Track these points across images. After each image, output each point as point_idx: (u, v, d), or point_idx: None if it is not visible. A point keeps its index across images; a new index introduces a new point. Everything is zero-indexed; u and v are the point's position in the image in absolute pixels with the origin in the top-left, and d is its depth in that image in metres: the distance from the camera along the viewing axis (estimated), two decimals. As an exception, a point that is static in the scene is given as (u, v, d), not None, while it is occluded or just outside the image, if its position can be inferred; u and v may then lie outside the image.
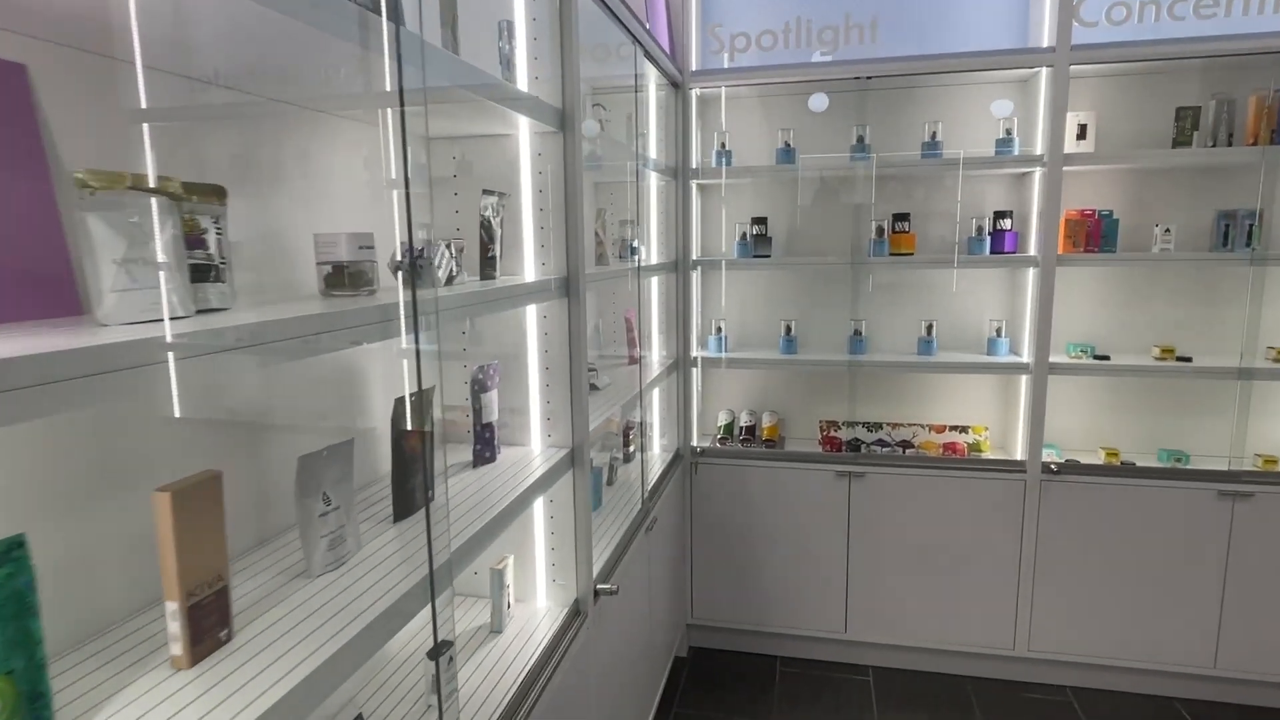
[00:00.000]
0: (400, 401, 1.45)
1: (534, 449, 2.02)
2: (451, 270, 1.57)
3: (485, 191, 1.72)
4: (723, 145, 3.47)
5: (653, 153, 3.31)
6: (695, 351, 3.62)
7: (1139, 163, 3.10)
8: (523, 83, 1.84)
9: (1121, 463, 3.30)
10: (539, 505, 2.02)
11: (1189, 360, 3.20)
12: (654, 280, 3.47)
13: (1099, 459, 3.36)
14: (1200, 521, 3.15)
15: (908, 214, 3.42)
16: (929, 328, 3.49)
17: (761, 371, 3.78)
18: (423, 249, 1.41)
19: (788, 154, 3.41)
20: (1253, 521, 3.11)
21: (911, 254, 3.39)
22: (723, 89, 3.41)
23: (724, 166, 3.44)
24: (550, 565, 2.06)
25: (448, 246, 1.53)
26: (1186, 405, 3.42)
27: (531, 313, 1.96)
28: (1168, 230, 3.17)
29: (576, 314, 1.95)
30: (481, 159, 1.91)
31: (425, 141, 1.29)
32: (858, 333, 3.55)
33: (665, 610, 3.27)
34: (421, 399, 1.53)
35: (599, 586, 2.15)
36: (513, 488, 1.79)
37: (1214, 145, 3.06)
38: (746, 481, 3.54)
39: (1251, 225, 3.09)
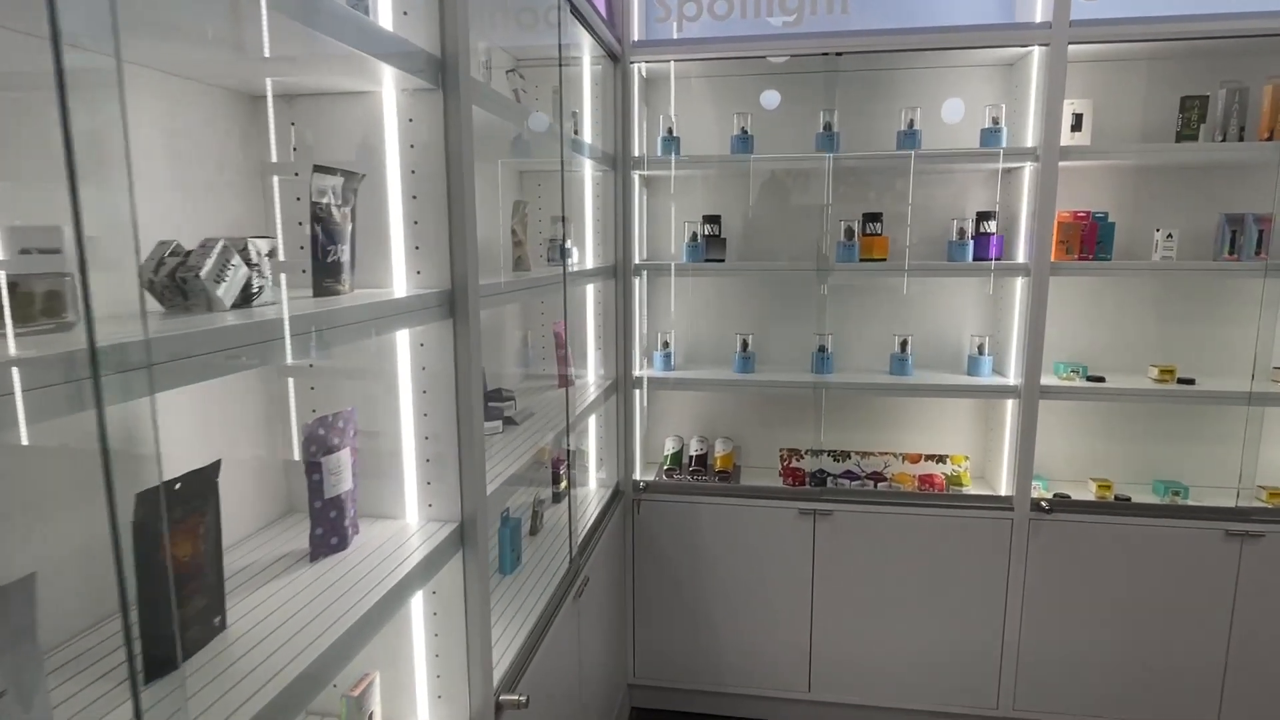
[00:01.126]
0: (148, 496, 0.91)
1: (409, 523, 1.49)
2: (253, 282, 1.03)
3: (319, 169, 1.18)
4: (670, 131, 2.98)
5: (588, 137, 2.80)
6: (638, 370, 3.12)
7: (1141, 158, 2.72)
8: (385, 16, 1.31)
9: (1115, 496, 2.92)
10: (417, 601, 1.49)
11: (1191, 383, 2.84)
12: (589, 288, 2.96)
13: (1090, 492, 2.98)
14: (1205, 565, 2.79)
15: (880, 214, 2.98)
16: (903, 344, 3.06)
17: (714, 393, 3.30)
18: (173, 250, 0.88)
19: (744, 143, 2.93)
20: (1263, 564, 2.76)
21: (884, 259, 2.96)
22: (670, 63, 2.92)
23: (672, 156, 2.94)
24: (435, 677, 1.53)
25: (238, 249, 0.99)
26: (1186, 432, 3.06)
27: (403, 340, 1.43)
28: (1169, 235, 2.80)
29: (467, 340, 1.42)
30: (328, 126, 1.38)
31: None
32: (823, 349, 3.10)
33: (601, 676, 2.77)
34: (200, 480, 1.00)
35: (502, 698, 1.63)
36: (373, 586, 1.26)
37: (1223, 139, 2.70)
38: (696, 520, 3.06)
39: (1261, 231, 2.73)
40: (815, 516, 2.98)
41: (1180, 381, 2.86)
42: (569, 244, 2.73)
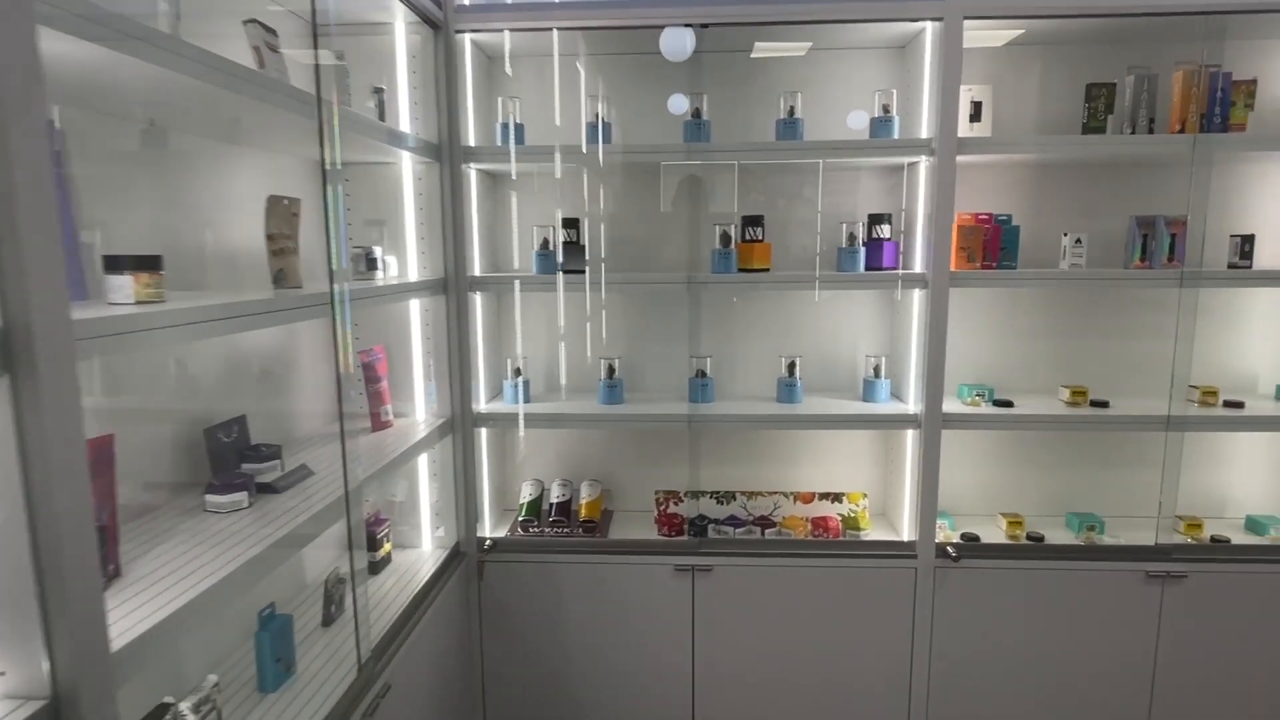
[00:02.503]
0: None
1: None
2: None
3: None
4: (511, 117, 2.48)
5: (405, 122, 2.27)
6: (483, 405, 2.60)
7: (1046, 152, 2.39)
8: None
9: (1027, 535, 2.58)
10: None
11: (1105, 405, 2.52)
12: (414, 306, 2.42)
13: (1000, 530, 2.63)
14: (1126, 610, 2.47)
15: (761, 218, 2.56)
16: (791, 366, 2.64)
17: (580, 429, 2.80)
18: None
19: (599, 131, 2.46)
20: (1186, 608, 2.46)
21: (766, 269, 2.53)
22: (506, 35, 2.41)
23: (513, 146, 2.44)
24: None
25: None
26: (1100, 458, 2.76)
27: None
28: (1078, 241, 2.48)
29: (54, 415, 0.88)
30: None
31: None
32: (701, 374, 2.65)
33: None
34: None
35: None
36: None
37: (1132, 132, 2.40)
38: (555, 582, 2.55)
39: (1174, 235, 2.45)
40: (694, 573, 2.52)
41: (1094, 404, 2.54)
42: (378, 252, 2.20)
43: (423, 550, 2.52)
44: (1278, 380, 2.70)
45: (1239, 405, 2.50)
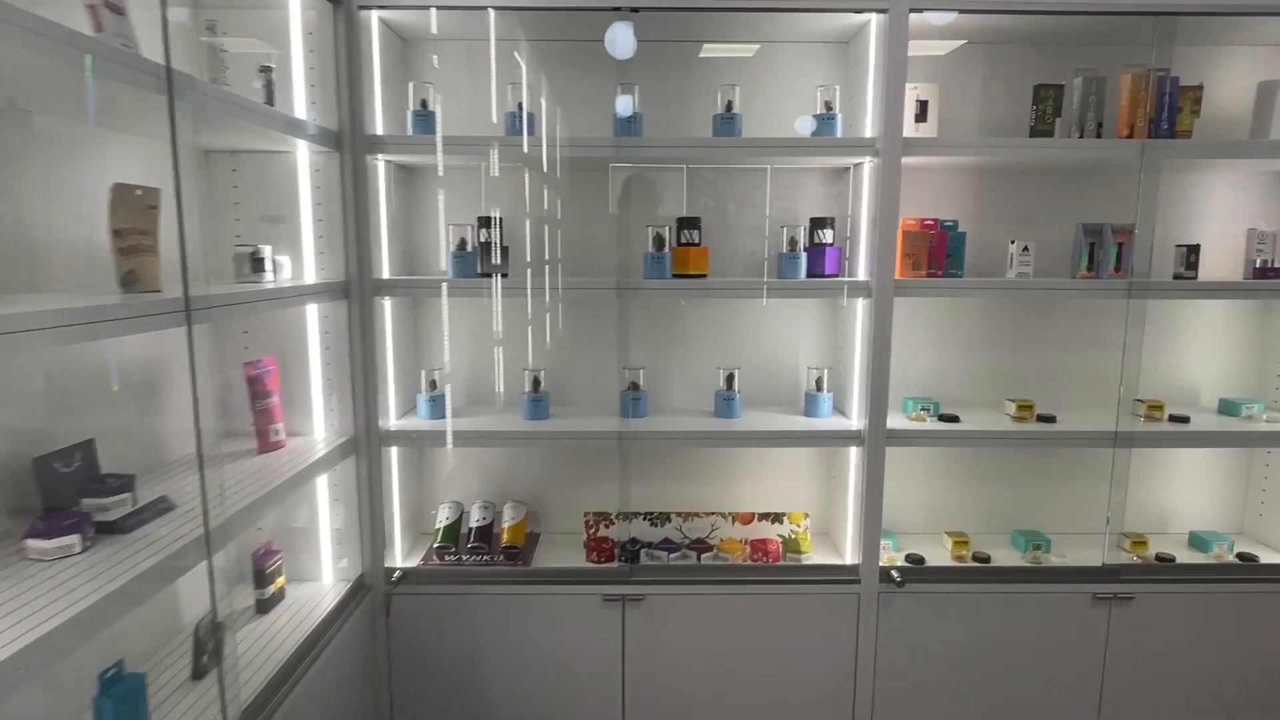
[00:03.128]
0: None
1: None
2: None
3: None
4: (424, 104, 2.25)
5: (301, 108, 2.03)
6: (392, 421, 2.36)
7: (993, 154, 2.27)
8: None
9: (973, 555, 2.47)
10: None
11: (1052, 420, 2.42)
12: (311, 311, 2.17)
13: (946, 549, 2.52)
14: (1073, 632, 2.37)
15: (698, 219, 2.39)
16: (729, 379, 2.48)
17: (505, 447, 2.58)
18: None
19: (521, 122, 2.25)
20: (1134, 630, 2.37)
21: (703, 275, 2.36)
22: (415, 12, 2.18)
23: (439, 137, 2.21)
24: None
25: None
26: (1047, 473, 2.67)
27: None
28: (1025, 249, 2.38)
29: None
30: None
31: None
32: (634, 386, 2.47)
33: None
34: None
35: None
36: None
37: (1080, 136, 2.30)
38: (474, 615, 2.33)
39: (1121, 245, 2.36)
40: (624, 603, 2.33)
41: (1040, 419, 2.44)
42: (267, 252, 1.95)
43: (323, 583, 2.27)
44: (1220, 393, 2.66)
45: (1184, 420, 2.43)
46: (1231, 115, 2.47)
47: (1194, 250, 2.40)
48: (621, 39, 2.22)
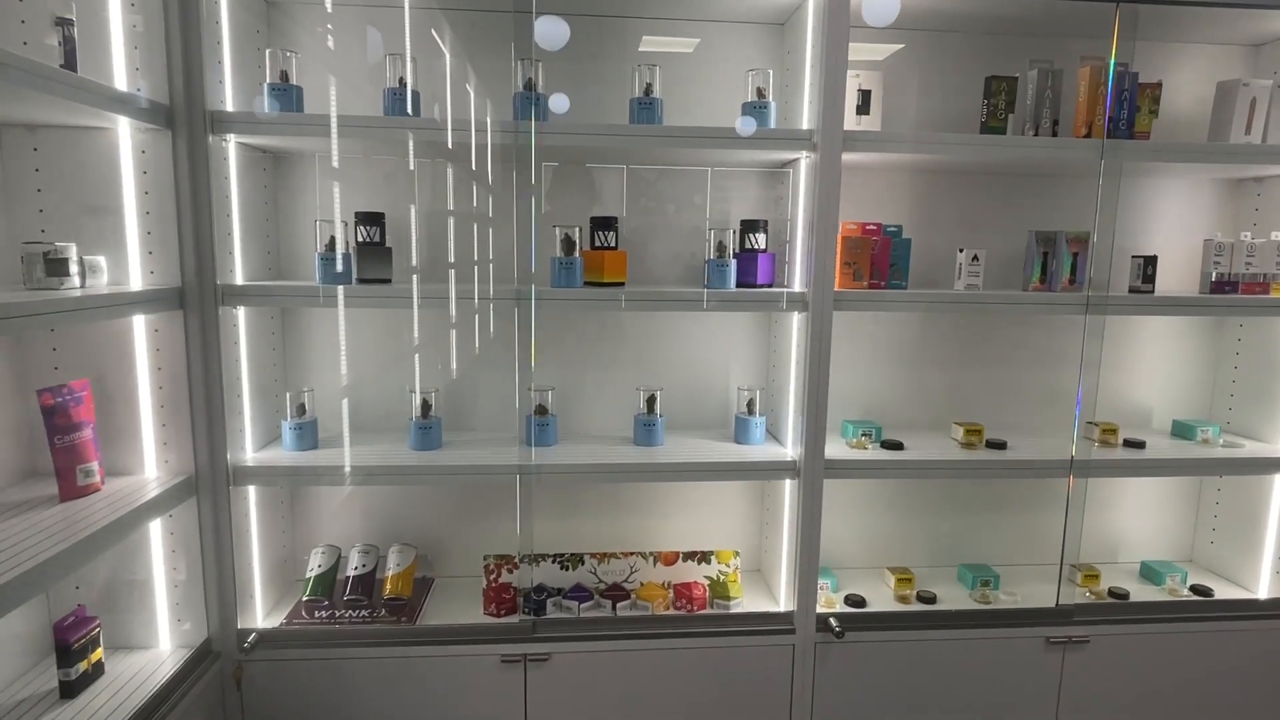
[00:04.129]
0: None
1: None
2: None
3: None
4: (284, 76, 1.89)
5: (121, 77, 1.64)
6: (249, 453, 1.98)
7: (942, 152, 2.03)
8: None
9: (919, 595, 2.23)
10: None
11: (1003, 446, 2.21)
12: (138, 323, 1.78)
13: (889, 589, 2.28)
14: (1025, 679, 2.16)
15: (614, 219, 2.08)
16: (650, 401, 2.18)
17: (397, 482, 2.21)
18: None
19: (405, 102, 1.90)
20: (1088, 675, 2.17)
21: (621, 284, 2.06)
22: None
23: (288, 115, 1.84)
24: None
25: None
26: (995, 501, 2.46)
27: None
28: (975, 258, 2.15)
29: None
30: None
31: None
32: (542, 410, 2.15)
33: None
34: None
35: None
36: None
37: (1035, 133, 2.09)
38: (350, 683, 1.97)
39: (1075, 254, 2.16)
40: (525, 664, 2.00)
41: (990, 445, 2.22)
42: (71, 252, 1.56)
43: (160, 651, 1.88)
44: (1172, 412, 2.50)
45: (1140, 445, 2.25)
46: (1188, 116, 2.30)
47: (1151, 261, 2.21)
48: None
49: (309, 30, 2.07)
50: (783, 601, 2.16)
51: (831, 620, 2.06)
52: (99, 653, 1.76)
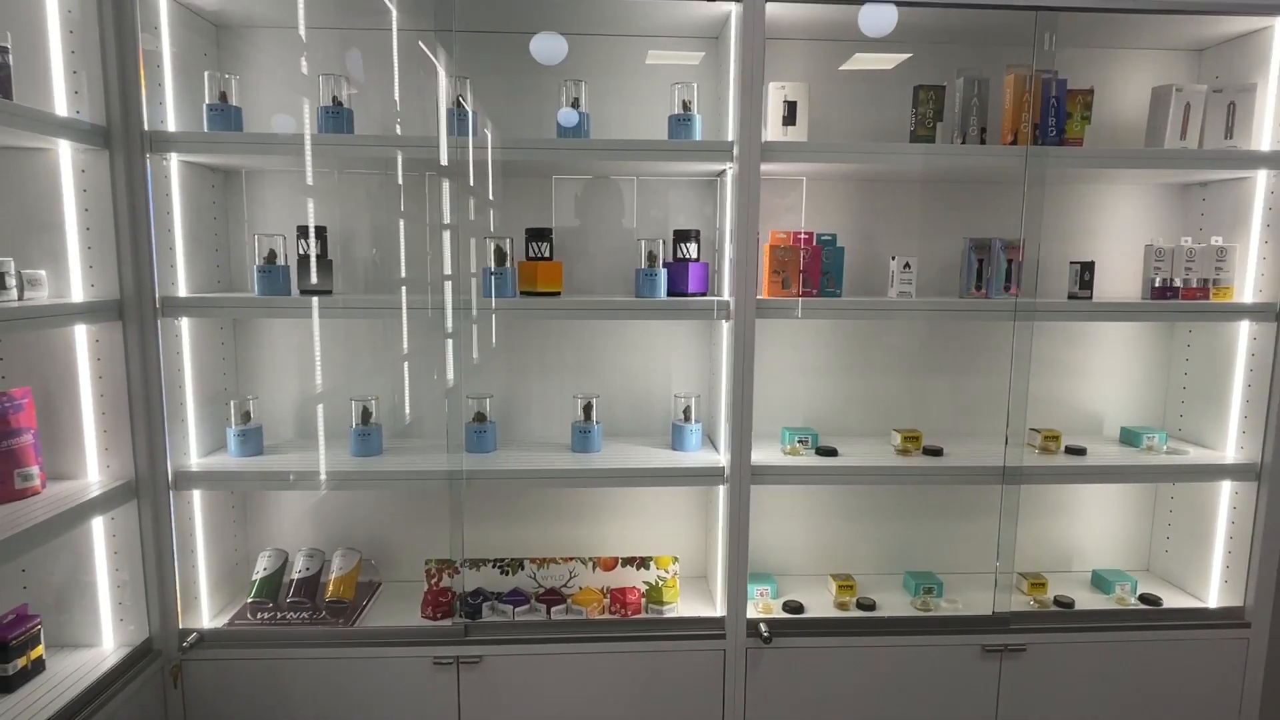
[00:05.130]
0: None
1: None
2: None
3: None
4: (223, 96, 1.97)
5: (60, 99, 1.73)
6: (194, 459, 2.06)
7: (868, 161, 2.05)
8: None
9: (859, 601, 2.24)
10: None
11: (939, 453, 2.21)
12: (79, 333, 1.86)
13: (830, 594, 2.28)
14: (961, 688, 2.15)
15: (549, 230, 2.14)
16: (587, 409, 2.22)
17: (338, 486, 2.27)
18: None
19: (339, 118, 1.98)
20: (1025, 683, 2.16)
21: (556, 293, 2.10)
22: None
23: (226, 134, 1.92)
24: None
25: None
26: (938, 508, 2.46)
27: None
28: (907, 265, 2.17)
29: None
30: None
31: None
32: (480, 417, 2.20)
33: None
34: None
35: None
36: None
37: (963, 141, 2.10)
38: (288, 683, 2.03)
39: (1010, 261, 2.16)
40: (458, 666, 2.04)
41: (927, 451, 2.22)
42: (5, 266, 1.64)
43: (103, 649, 1.95)
44: (1124, 419, 2.48)
45: (1081, 452, 2.24)
46: (1126, 122, 2.30)
47: (1088, 268, 2.21)
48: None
49: (259, 51, 2.16)
50: (720, 607, 2.17)
51: (761, 625, 2.08)
52: (39, 649, 1.83)
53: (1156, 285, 2.21)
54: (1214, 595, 2.28)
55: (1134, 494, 2.51)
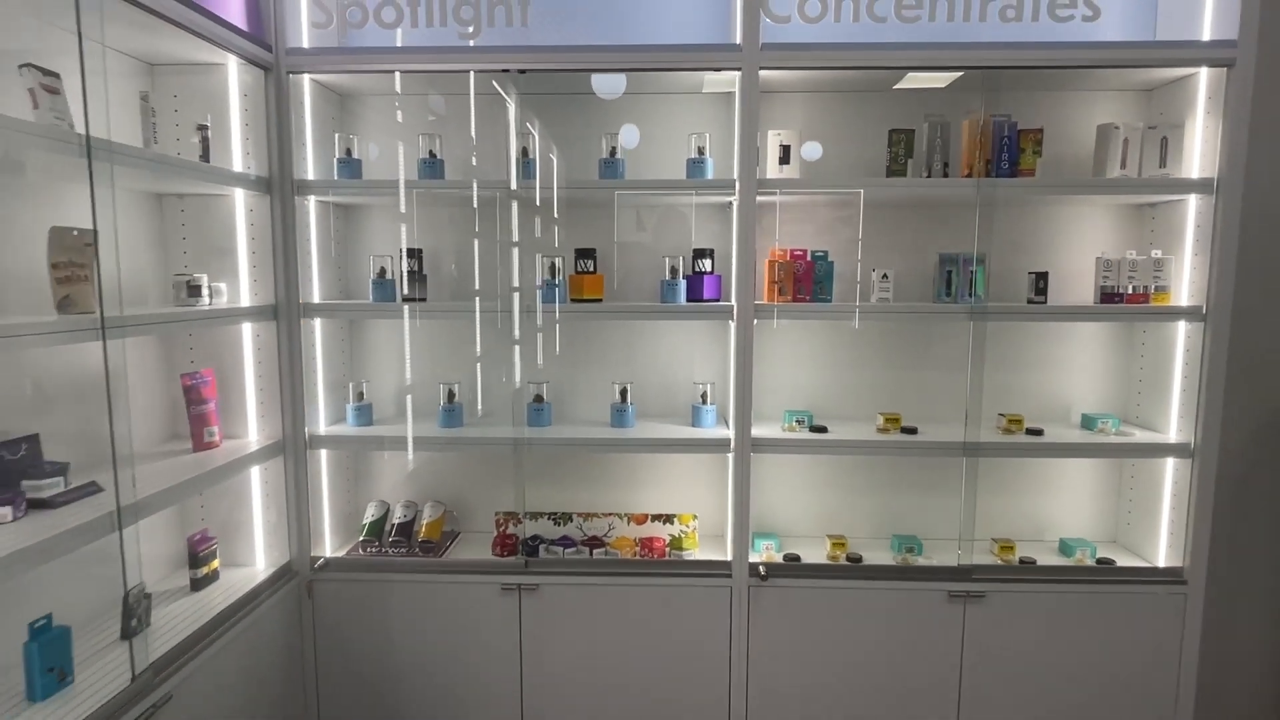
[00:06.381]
0: None
1: None
2: None
3: None
4: (348, 152, 2.61)
5: (237, 159, 2.39)
6: (322, 427, 2.69)
7: (847, 193, 2.54)
8: None
9: (848, 555, 2.70)
10: None
11: (914, 431, 2.66)
12: (246, 329, 2.52)
13: (825, 549, 2.75)
14: (932, 630, 2.59)
15: (593, 250, 2.70)
16: (623, 393, 2.76)
17: (428, 451, 2.89)
18: None
19: (433, 167, 2.59)
20: (986, 627, 2.58)
21: (599, 300, 2.66)
22: (344, 76, 2.55)
23: (351, 180, 2.57)
24: None
25: None
26: (919, 482, 2.89)
27: None
28: (885, 276, 2.63)
29: None
30: None
31: None
32: (539, 398, 2.77)
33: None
34: None
35: None
36: None
37: (929, 175, 2.56)
38: (389, 602, 2.63)
39: (974, 272, 2.61)
40: (520, 592, 2.61)
41: (904, 430, 2.68)
42: (203, 280, 2.30)
43: (256, 568, 2.59)
44: (1087, 409, 2.86)
45: (1039, 433, 2.65)
46: (1077, 155, 2.71)
47: (1043, 276, 2.63)
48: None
49: (374, 113, 2.80)
50: (730, 554, 2.67)
51: (760, 568, 2.57)
52: (215, 563, 2.48)
53: (1105, 291, 2.61)
54: (1161, 558, 2.65)
55: (1101, 473, 2.89)
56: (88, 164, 1.72)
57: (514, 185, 2.55)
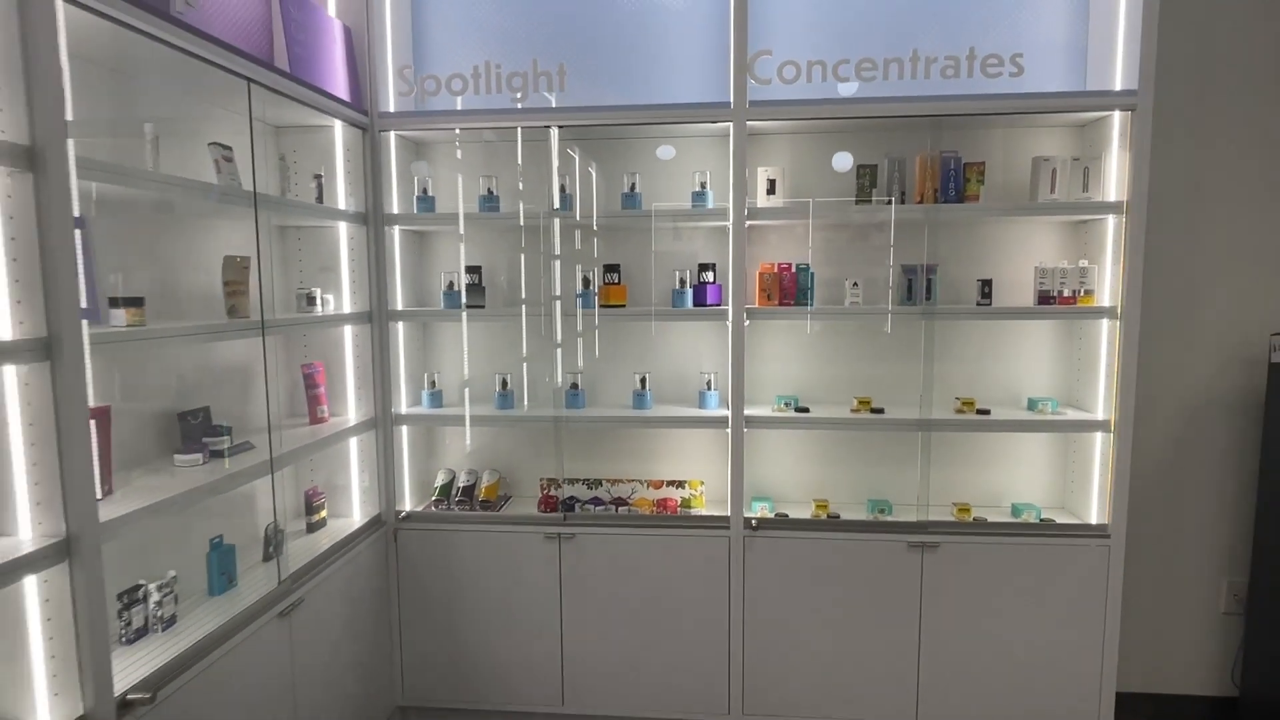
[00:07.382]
0: None
1: (20, 537, 1.72)
2: None
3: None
4: (425, 190, 3.31)
5: (341, 198, 3.11)
6: (403, 408, 3.38)
7: (824, 217, 3.14)
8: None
9: (829, 515, 3.28)
10: (31, 590, 1.71)
11: (881, 412, 3.23)
12: (347, 331, 3.23)
13: (809, 511, 3.33)
14: (895, 573, 3.15)
15: (618, 265, 3.34)
16: (643, 380, 3.40)
17: (488, 428, 3.57)
18: None
19: (490, 202, 3.28)
20: (940, 571, 3.13)
21: (623, 305, 3.31)
22: (411, 133, 3.25)
23: (426, 213, 3.27)
24: (50, 676, 1.74)
25: None
26: (886, 455, 3.45)
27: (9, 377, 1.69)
28: (855, 284, 3.22)
29: (67, 379, 1.68)
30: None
31: None
32: (574, 385, 3.42)
33: (353, 694, 2.97)
34: None
35: (131, 696, 1.85)
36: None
37: (889, 202, 3.14)
38: (456, 547, 3.30)
39: (931, 279, 3.17)
40: (560, 539, 3.25)
41: (873, 411, 3.25)
42: (316, 291, 3.01)
43: (354, 519, 3.30)
44: (1035, 395, 3.39)
45: (986, 412, 3.19)
46: (1020, 181, 3.25)
47: (988, 283, 3.18)
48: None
49: (445, 156, 3.50)
50: (729, 511, 3.28)
51: (752, 521, 3.17)
52: (324, 513, 3.19)
53: (1042, 294, 3.15)
54: (1093, 517, 3.17)
55: (1053, 448, 3.40)
56: (253, 211, 2.43)
57: (555, 209, 3.22)
